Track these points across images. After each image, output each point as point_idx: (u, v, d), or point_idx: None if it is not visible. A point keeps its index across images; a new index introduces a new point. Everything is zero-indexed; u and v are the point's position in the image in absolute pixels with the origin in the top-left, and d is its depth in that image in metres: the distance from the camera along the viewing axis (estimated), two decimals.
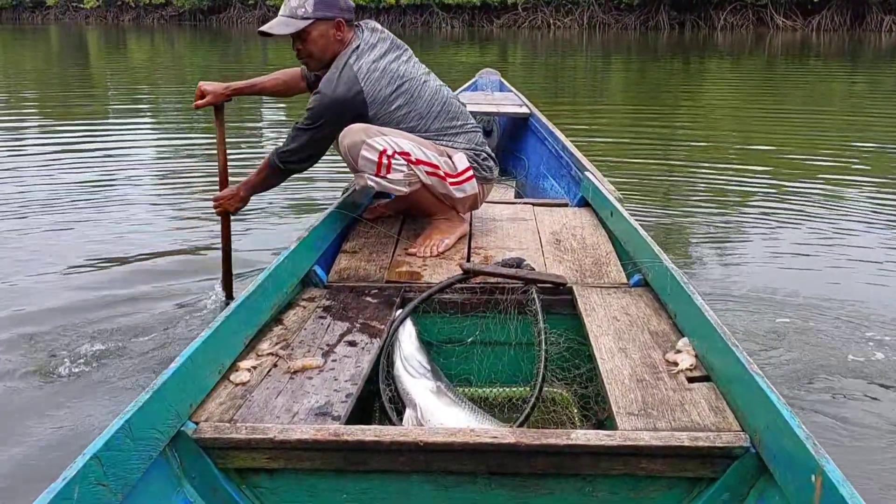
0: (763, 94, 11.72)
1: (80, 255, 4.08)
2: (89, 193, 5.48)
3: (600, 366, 1.91)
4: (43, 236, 4.44)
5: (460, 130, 2.81)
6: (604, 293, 2.36)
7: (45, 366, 2.82)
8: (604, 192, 3.09)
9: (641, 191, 5.52)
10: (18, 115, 9.61)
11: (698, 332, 1.93)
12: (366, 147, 2.58)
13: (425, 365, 2.07)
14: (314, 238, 2.58)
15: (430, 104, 2.74)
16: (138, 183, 5.93)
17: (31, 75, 14.96)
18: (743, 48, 19.95)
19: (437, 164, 2.69)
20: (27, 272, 3.83)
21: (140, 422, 1.44)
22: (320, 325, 2.18)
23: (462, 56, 17.17)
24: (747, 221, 4.84)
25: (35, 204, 5.14)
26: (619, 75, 14.90)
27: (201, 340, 1.74)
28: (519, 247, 2.80)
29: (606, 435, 1.56)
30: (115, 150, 7.22)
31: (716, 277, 3.79)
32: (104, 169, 6.37)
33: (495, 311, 2.29)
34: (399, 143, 2.62)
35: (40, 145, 7.59)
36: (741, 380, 1.64)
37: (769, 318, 3.25)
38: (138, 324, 3.17)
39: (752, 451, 1.53)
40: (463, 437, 1.55)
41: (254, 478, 1.61)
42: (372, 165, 2.60)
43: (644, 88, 12.71)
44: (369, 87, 2.61)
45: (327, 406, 1.73)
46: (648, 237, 2.48)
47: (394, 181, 2.64)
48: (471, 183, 2.78)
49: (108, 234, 4.51)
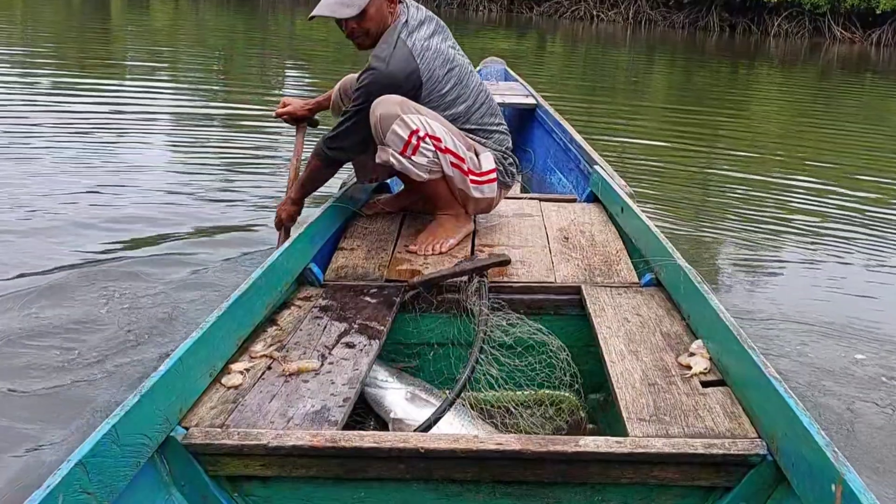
0: (815, 107, 11.51)
1: (91, 219, 4.24)
2: (101, 154, 5.65)
3: (610, 369, 1.90)
4: (53, 199, 4.55)
5: (495, 129, 2.80)
6: (614, 293, 2.36)
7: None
8: (614, 186, 3.08)
9: (676, 198, 5.46)
10: (34, 70, 9.71)
11: (713, 334, 1.93)
12: (399, 122, 2.53)
13: (388, 377, 2.10)
14: (310, 234, 2.57)
15: (477, 95, 2.74)
16: (151, 147, 6.11)
17: (49, 29, 15.04)
18: (796, 57, 19.58)
19: (464, 158, 2.67)
20: (38, 236, 3.96)
21: (127, 427, 1.44)
22: (317, 325, 2.17)
23: (499, 42, 16.99)
24: (784, 241, 4.71)
25: (45, 162, 5.30)
26: (663, 75, 14.77)
27: (191, 341, 1.73)
28: (524, 244, 2.80)
29: (616, 442, 1.55)
30: (131, 111, 7.35)
31: (741, 295, 3.75)
32: (118, 130, 6.54)
33: (465, 312, 2.30)
34: (433, 125, 2.58)
35: (54, 102, 7.71)
36: (758, 384, 1.63)
37: (791, 335, 3.22)
38: (147, 298, 3.26)
39: (770, 458, 1.52)
40: (466, 443, 1.54)
41: (246, 486, 1.60)
42: (400, 142, 2.56)
43: (688, 91, 12.59)
44: (424, 66, 2.59)
45: (324, 411, 1.72)
46: (661, 234, 2.47)
47: (417, 164, 2.60)
48: (491, 186, 2.77)
49: (120, 199, 4.66)
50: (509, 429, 2.06)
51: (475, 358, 2.03)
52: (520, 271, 2.54)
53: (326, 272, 2.56)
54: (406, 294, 2.38)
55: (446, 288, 2.39)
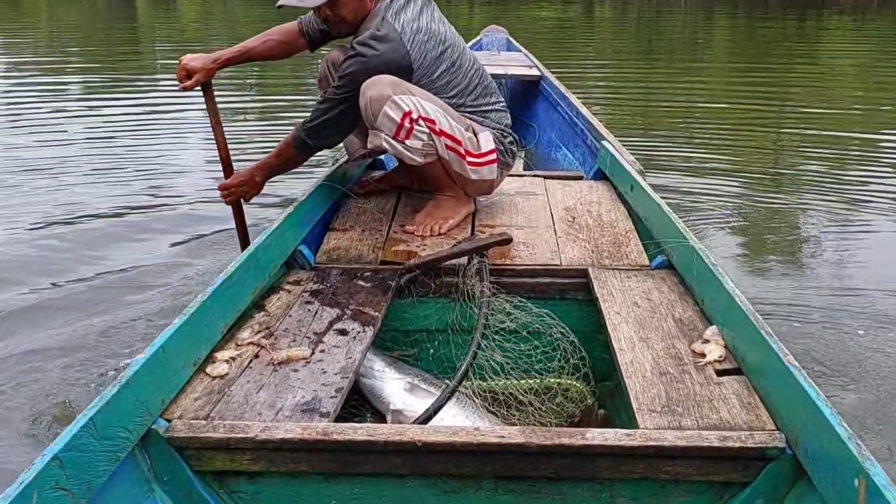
0: (893, 59, 11.28)
1: (118, 215, 4.44)
2: (130, 154, 5.81)
3: (619, 357, 1.90)
4: (77, 194, 4.77)
5: (492, 108, 2.78)
6: (623, 276, 2.35)
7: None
8: (623, 163, 3.07)
9: (746, 163, 5.38)
10: (61, 72, 9.81)
11: (728, 320, 1.92)
12: (391, 104, 2.50)
13: (384, 367, 2.10)
14: (300, 214, 2.56)
15: (470, 76, 2.71)
16: (181, 145, 6.18)
17: (76, 30, 15.11)
18: (869, 5, 19.18)
19: (461, 140, 2.64)
20: (63, 230, 4.16)
21: (106, 419, 1.43)
22: (307, 311, 2.17)
23: (544, 11, 16.82)
24: (870, 208, 4.49)
25: (71, 163, 5.50)
26: (724, 32, 14.56)
27: (174, 329, 1.73)
28: (528, 224, 2.79)
29: (626, 434, 1.55)
30: (162, 109, 7.43)
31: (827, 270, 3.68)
32: (151, 128, 6.66)
33: (465, 296, 2.30)
34: (426, 107, 2.56)
35: (83, 102, 7.88)
36: (776, 373, 1.62)
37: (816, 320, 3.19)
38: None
39: (789, 452, 1.52)
40: (466, 436, 1.54)
41: (233, 481, 1.60)
42: (392, 126, 2.53)
43: (752, 48, 12.42)
44: (416, 51, 2.56)
45: (315, 402, 1.72)
46: (672, 214, 2.46)
47: (410, 148, 2.58)
48: (490, 168, 2.74)
49: (150, 196, 4.78)
50: (516, 419, 2.06)
51: (476, 344, 2.03)
52: (523, 253, 2.53)
53: (317, 254, 2.55)
54: (402, 277, 2.38)
55: (445, 270, 2.38)
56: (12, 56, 11.67)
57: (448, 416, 1.91)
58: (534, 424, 2.04)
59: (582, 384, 2.19)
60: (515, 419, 2.07)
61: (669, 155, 5.82)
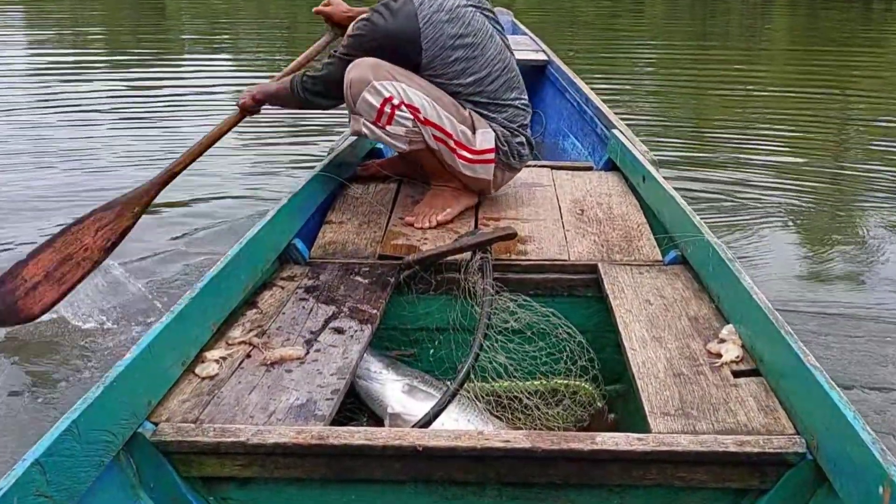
0: None
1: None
2: (159, 135, 5.86)
3: (630, 357, 1.89)
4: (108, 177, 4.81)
5: (510, 104, 2.75)
6: (634, 272, 2.35)
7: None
8: (635, 153, 3.06)
9: (803, 158, 5.32)
10: (87, 54, 9.90)
11: (745, 318, 1.92)
12: (371, 89, 2.52)
13: (382, 368, 2.10)
14: (294, 206, 2.56)
15: (492, 65, 2.69)
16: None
17: (100, 10, 15.18)
18: None
19: (451, 132, 2.63)
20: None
21: (89, 422, 1.43)
22: (301, 308, 2.16)
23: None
24: None
25: (98, 146, 5.58)
26: (784, 16, 14.38)
27: (161, 326, 1.72)
28: (534, 217, 2.78)
29: (638, 439, 1.55)
30: (190, 90, 7.50)
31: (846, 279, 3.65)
32: (179, 107, 6.73)
33: (468, 293, 2.29)
34: (410, 93, 2.56)
35: (109, 84, 7.95)
36: (796, 374, 1.62)
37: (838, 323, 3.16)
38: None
39: (809, 457, 1.52)
40: (469, 440, 1.54)
41: (223, 488, 1.60)
42: (372, 111, 2.55)
43: (814, 33, 12.28)
44: (429, 29, 2.56)
45: (310, 404, 1.72)
46: (687, 206, 2.46)
47: (393, 135, 2.60)
48: (485, 167, 2.72)
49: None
50: (521, 423, 2.06)
51: (479, 344, 2.02)
52: (529, 248, 2.53)
53: (312, 248, 2.55)
54: (402, 273, 2.38)
55: (446, 266, 2.38)
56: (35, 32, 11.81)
57: (449, 419, 1.90)
58: (540, 428, 2.04)
59: (591, 386, 2.18)
60: (520, 423, 2.07)
61: (723, 148, 5.77)
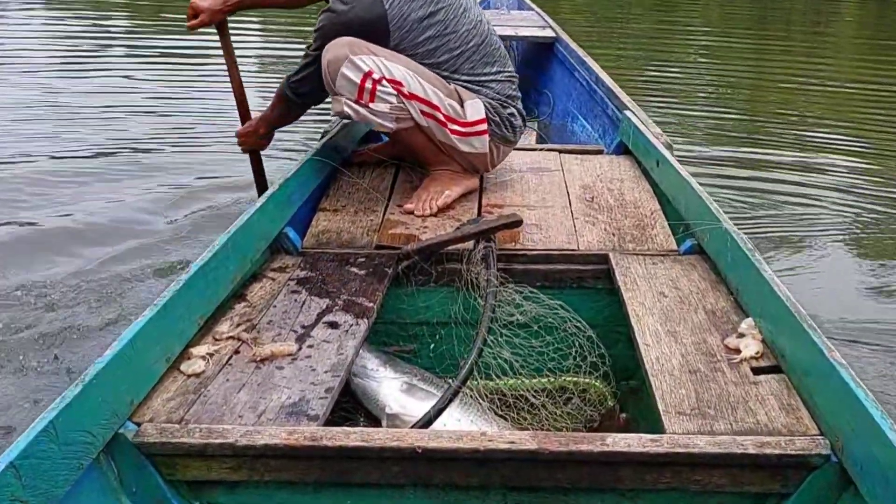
0: None
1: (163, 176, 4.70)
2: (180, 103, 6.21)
3: (643, 353, 1.89)
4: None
5: (493, 78, 2.77)
6: (648, 262, 2.35)
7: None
8: (648, 135, 3.06)
9: (870, 158, 5.31)
10: (106, 27, 10.02)
11: (766, 312, 1.92)
12: (349, 64, 2.54)
13: (379, 365, 2.10)
14: (286, 192, 2.56)
15: (466, 40, 2.70)
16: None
17: None
18: None
19: (438, 105, 2.65)
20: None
21: (68, 422, 1.43)
22: (293, 301, 2.16)
23: None
24: None
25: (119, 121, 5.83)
26: (852, 3, 14.27)
27: (144, 321, 1.72)
28: (541, 204, 2.78)
29: (651, 440, 1.55)
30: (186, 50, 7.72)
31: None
32: (199, 79, 6.94)
33: (470, 285, 2.30)
34: (391, 67, 2.57)
35: (127, 57, 8.21)
36: (820, 371, 1.62)
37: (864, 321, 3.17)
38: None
39: (834, 460, 1.52)
40: (471, 442, 1.54)
41: (209, 492, 1.60)
42: (352, 88, 2.56)
43: (886, 22, 12.13)
44: (395, 10, 2.59)
45: (302, 403, 1.72)
46: (704, 192, 2.46)
47: (377, 112, 2.60)
48: (481, 139, 2.74)
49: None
50: (527, 423, 2.07)
51: (482, 339, 2.03)
52: (535, 236, 2.53)
53: (305, 238, 2.55)
54: (400, 263, 2.38)
55: (448, 256, 2.38)
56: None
57: (451, 419, 1.91)
58: (547, 429, 2.04)
59: (601, 384, 2.19)
60: (527, 423, 2.08)
61: (783, 143, 5.76)
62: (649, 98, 6.64)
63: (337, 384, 1.80)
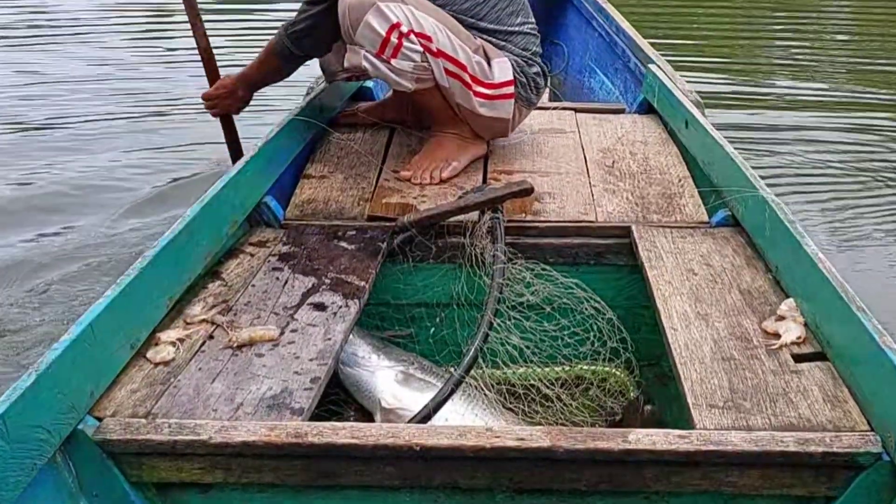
0: None
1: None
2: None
3: (671, 338, 1.90)
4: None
5: (518, 30, 2.77)
6: (675, 236, 2.35)
7: None
8: (675, 93, 3.06)
9: None
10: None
11: (809, 292, 1.92)
12: (375, 13, 2.50)
13: (372, 351, 2.11)
14: (265, 157, 2.56)
15: None
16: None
17: None
18: None
19: (465, 64, 2.63)
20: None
21: (19, 417, 1.43)
22: (275, 280, 2.17)
23: None
24: None
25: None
26: None
27: (106, 302, 1.72)
28: (555, 170, 2.79)
29: (679, 436, 1.55)
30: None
31: None
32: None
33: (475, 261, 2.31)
34: (420, 19, 2.55)
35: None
36: (870, 359, 1.62)
37: None
38: None
39: (886, 458, 1.52)
40: (476, 438, 1.54)
41: (180, 495, 1.61)
42: (376, 40, 2.52)
43: None
44: None
45: (285, 395, 1.72)
46: (738, 157, 2.46)
47: (397, 70, 2.57)
48: (506, 104, 2.73)
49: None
50: (539, 417, 2.08)
51: (488, 322, 2.04)
52: (548, 207, 2.54)
53: (287, 208, 2.56)
54: (395, 237, 2.39)
55: (449, 229, 2.39)
56: None
57: (453, 413, 1.92)
58: (562, 424, 2.05)
59: (622, 373, 2.21)
60: (538, 417, 2.09)
61: (831, 105, 5.76)
62: (676, 52, 6.60)
63: (324, 374, 1.81)
